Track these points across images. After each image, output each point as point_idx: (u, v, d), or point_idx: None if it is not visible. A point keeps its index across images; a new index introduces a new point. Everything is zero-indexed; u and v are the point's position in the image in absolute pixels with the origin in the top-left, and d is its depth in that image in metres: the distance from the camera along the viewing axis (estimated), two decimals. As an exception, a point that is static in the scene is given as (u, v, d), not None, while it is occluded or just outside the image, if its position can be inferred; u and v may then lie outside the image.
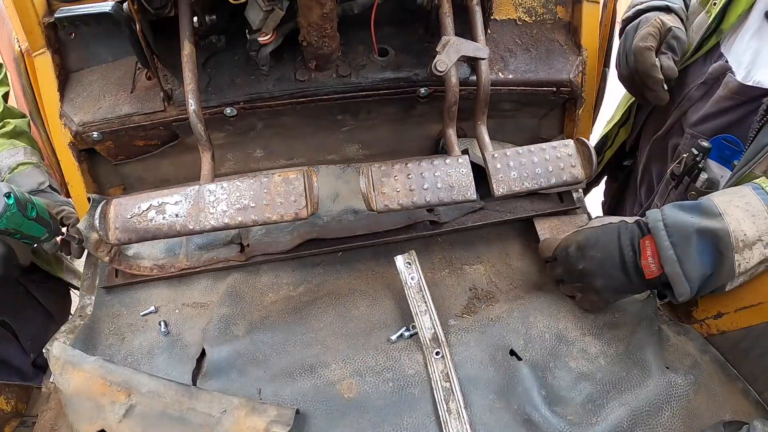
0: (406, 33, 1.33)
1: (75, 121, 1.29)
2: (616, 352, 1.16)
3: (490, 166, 1.10)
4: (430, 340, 1.12)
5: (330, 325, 1.22)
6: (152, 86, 1.30)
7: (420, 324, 1.14)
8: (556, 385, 1.11)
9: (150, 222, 0.99)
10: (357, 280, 1.32)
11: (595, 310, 1.21)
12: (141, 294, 1.33)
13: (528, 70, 1.36)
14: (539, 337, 1.18)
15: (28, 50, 1.29)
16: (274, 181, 1.01)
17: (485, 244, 1.39)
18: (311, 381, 1.12)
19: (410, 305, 1.17)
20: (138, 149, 1.38)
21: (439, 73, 1.07)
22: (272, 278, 1.33)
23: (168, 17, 1.09)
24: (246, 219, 0.99)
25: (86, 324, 1.26)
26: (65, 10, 1.21)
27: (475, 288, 1.31)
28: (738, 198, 1.03)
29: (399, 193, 1.05)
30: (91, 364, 1.07)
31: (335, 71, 1.28)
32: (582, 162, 1.14)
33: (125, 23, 1.11)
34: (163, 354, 1.20)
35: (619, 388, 1.10)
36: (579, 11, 1.41)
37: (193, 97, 1.07)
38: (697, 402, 1.08)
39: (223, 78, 1.27)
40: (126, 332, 1.26)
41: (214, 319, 1.23)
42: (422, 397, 1.08)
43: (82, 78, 1.36)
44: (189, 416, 1.00)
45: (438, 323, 1.14)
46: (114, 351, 1.22)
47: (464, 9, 1.16)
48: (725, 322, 1.16)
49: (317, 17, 1.06)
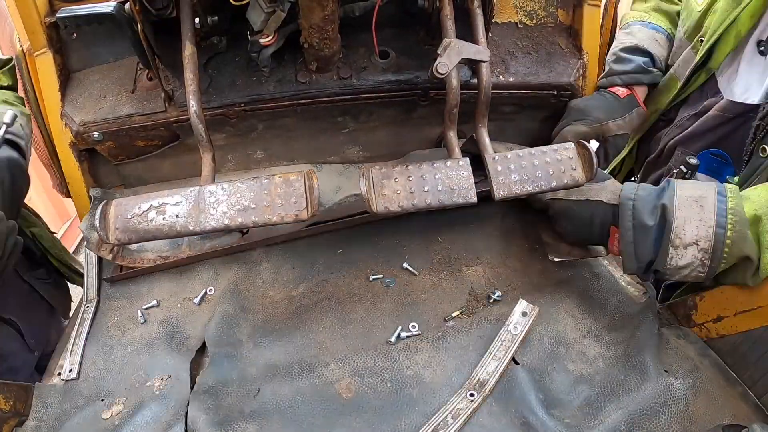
0: (407, 35, 1.33)
1: (76, 121, 1.29)
2: (614, 355, 1.16)
3: (490, 169, 1.10)
4: (477, 382, 1.10)
5: (329, 328, 1.23)
6: (153, 87, 1.31)
7: (484, 363, 1.12)
8: (554, 388, 1.11)
9: (150, 222, 0.99)
10: (357, 281, 1.32)
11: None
12: (143, 288, 1.35)
13: (529, 73, 1.36)
14: (537, 340, 1.18)
15: (30, 50, 1.29)
16: (275, 182, 1.01)
17: (485, 245, 1.39)
18: (310, 380, 1.12)
19: (492, 344, 1.15)
20: (139, 149, 1.38)
21: (440, 75, 1.07)
22: (272, 275, 1.34)
23: (169, 18, 1.09)
24: (246, 220, 0.99)
25: (90, 317, 1.29)
26: (67, 10, 1.21)
27: (474, 290, 1.31)
28: (700, 197, 1.09)
29: (399, 195, 1.05)
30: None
31: (336, 73, 1.29)
32: (582, 165, 1.14)
33: (127, 24, 1.11)
34: (162, 345, 1.22)
35: (617, 392, 1.10)
36: (580, 15, 1.41)
37: (194, 98, 1.07)
38: (695, 406, 1.07)
39: (224, 79, 1.27)
40: (128, 324, 1.28)
41: (216, 316, 1.24)
42: (420, 398, 1.08)
43: (84, 78, 1.36)
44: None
45: (499, 374, 1.11)
46: (115, 342, 1.24)
47: (465, 12, 1.17)
48: (725, 326, 1.16)
49: (319, 19, 1.07)
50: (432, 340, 1.18)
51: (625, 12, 1.60)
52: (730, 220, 1.05)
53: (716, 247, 1.05)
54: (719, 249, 1.05)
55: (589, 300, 1.27)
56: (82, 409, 1.12)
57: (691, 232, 1.07)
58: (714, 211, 1.06)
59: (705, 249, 1.06)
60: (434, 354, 1.16)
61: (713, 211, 1.07)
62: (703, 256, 1.07)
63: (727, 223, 1.05)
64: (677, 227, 1.07)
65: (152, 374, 1.17)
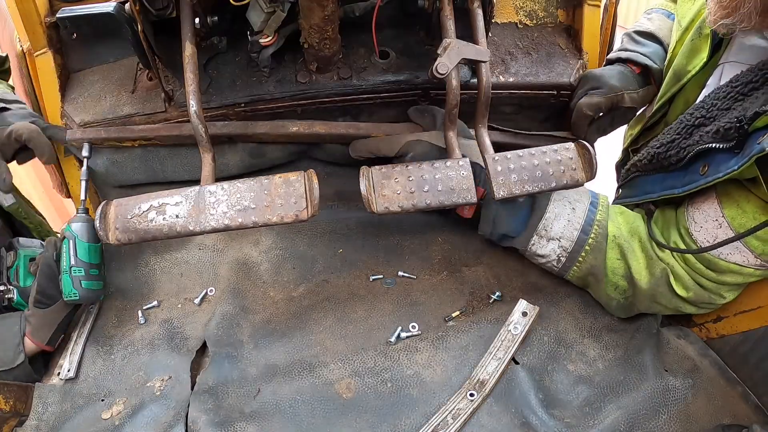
0: (407, 36, 1.33)
1: (76, 120, 1.29)
2: (614, 356, 1.16)
3: (490, 169, 1.10)
4: (477, 382, 1.10)
5: (329, 328, 1.23)
6: (153, 87, 1.30)
7: (484, 363, 1.13)
8: (554, 389, 1.11)
9: (150, 223, 0.99)
10: (357, 281, 1.32)
11: None
12: (143, 288, 1.35)
13: (529, 73, 1.36)
14: (537, 340, 1.18)
15: (30, 50, 1.29)
16: (275, 182, 1.01)
17: (485, 245, 1.39)
18: (310, 380, 1.12)
19: (493, 343, 1.15)
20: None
21: (440, 75, 1.07)
22: (273, 275, 1.34)
23: (169, 18, 1.09)
24: (246, 220, 0.99)
25: (92, 318, 1.29)
26: (67, 10, 1.21)
27: (474, 290, 1.31)
28: (574, 200, 1.19)
29: (399, 195, 1.05)
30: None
31: (336, 73, 1.29)
32: (583, 165, 1.14)
33: (127, 24, 1.11)
34: (163, 345, 1.22)
35: (617, 392, 1.10)
36: (580, 15, 1.41)
37: (195, 99, 1.07)
38: (695, 406, 1.08)
39: (224, 79, 1.27)
40: (128, 324, 1.29)
41: (216, 317, 1.24)
42: (420, 398, 1.08)
43: (84, 78, 1.36)
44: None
45: (498, 374, 1.11)
46: (115, 342, 1.25)
47: (465, 12, 1.16)
48: (725, 326, 1.16)
49: (319, 19, 1.06)
50: (432, 340, 1.18)
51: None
52: (594, 230, 1.16)
53: (575, 249, 1.17)
54: (577, 252, 1.17)
55: (589, 300, 1.27)
56: (83, 410, 1.12)
57: (558, 229, 1.17)
58: (583, 217, 1.17)
59: (565, 247, 1.18)
60: (434, 354, 1.16)
61: (582, 217, 1.17)
62: (561, 252, 1.19)
63: (591, 231, 1.16)
64: (547, 219, 1.17)
65: (152, 374, 1.17)
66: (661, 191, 1.14)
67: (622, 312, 1.22)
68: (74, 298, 1.19)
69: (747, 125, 0.90)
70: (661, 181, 1.15)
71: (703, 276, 1.09)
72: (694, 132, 1.04)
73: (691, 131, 1.05)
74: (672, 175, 1.11)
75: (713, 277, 1.08)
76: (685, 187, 1.05)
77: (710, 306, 1.14)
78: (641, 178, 1.22)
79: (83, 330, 1.27)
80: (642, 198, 1.21)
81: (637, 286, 1.14)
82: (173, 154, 1.36)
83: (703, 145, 0.99)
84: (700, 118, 1.04)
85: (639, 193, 1.22)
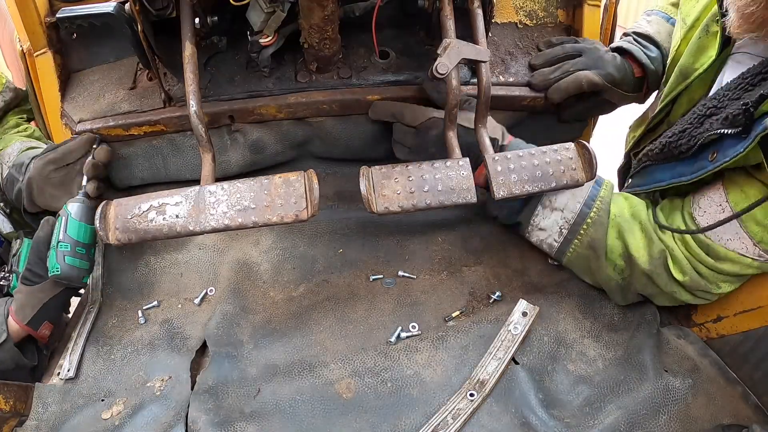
0: (407, 35, 1.33)
1: (76, 120, 1.29)
2: (614, 356, 1.16)
3: (490, 169, 1.10)
4: (477, 382, 1.10)
5: (329, 328, 1.23)
6: (153, 87, 1.31)
7: (484, 363, 1.12)
8: (554, 389, 1.11)
9: (150, 223, 0.99)
10: (357, 281, 1.32)
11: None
12: (143, 288, 1.35)
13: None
14: (537, 340, 1.18)
15: (30, 50, 1.29)
16: (275, 182, 1.01)
17: (485, 245, 1.39)
18: (310, 380, 1.12)
19: (493, 343, 1.15)
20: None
21: (440, 75, 1.07)
22: (273, 275, 1.34)
23: (169, 18, 1.09)
24: (246, 220, 0.99)
25: (93, 318, 1.29)
26: (67, 10, 1.21)
27: (474, 290, 1.31)
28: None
29: (399, 195, 1.05)
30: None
31: (336, 73, 1.29)
32: (583, 165, 1.14)
33: (127, 24, 1.11)
34: (163, 345, 1.22)
35: (617, 392, 1.10)
36: (580, 15, 1.41)
37: (194, 98, 1.07)
38: (695, 406, 1.08)
39: (224, 79, 1.27)
40: (128, 324, 1.29)
41: (216, 317, 1.24)
42: (420, 398, 1.08)
43: (84, 78, 1.36)
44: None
45: (498, 374, 1.11)
46: (115, 342, 1.25)
47: (465, 12, 1.17)
48: (725, 326, 1.16)
49: (319, 19, 1.07)
50: (432, 340, 1.18)
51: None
52: (597, 205, 1.18)
53: (577, 221, 1.19)
54: (579, 224, 1.19)
55: (589, 300, 1.27)
56: (83, 410, 1.12)
57: (562, 200, 1.20)
58: (587, 192, 1.19)
59: (568, 219, 1.20)
60: (434, 354, 1.16)
61: (586, 192, 1.19)
62: (564, 224, 1.20)
63: (593, 206, 1.18)
64: (551, 192, 1.19)
65: (152, 374, 1.17)
66: (670, 179, 1.15)
67: (620, 295, 1.22)
68: (56, 273, 1.17)
69: (753, 108, 0.92)
70: (671, 169, 1.16)
71: (702, 262, 1.10)
72: (705, 121, 1.06)
73: (702, 121, 1.06)
74: (682, 163, 1.12)
75: (711, 264, 1.08)
76: (694, 174, 1.07)
77: (706, 295, 1.14)
78: (652, 167, 1.23)
79: (83, 330, 1.27)
80: (651, 186, 1.22)
81: (635, 264, 1.14)
82: (176, 152, 1.36)
83: (713, 131, 1.00)
84: (712, 108, 1.05)
85: (649, 182, 1.23)
